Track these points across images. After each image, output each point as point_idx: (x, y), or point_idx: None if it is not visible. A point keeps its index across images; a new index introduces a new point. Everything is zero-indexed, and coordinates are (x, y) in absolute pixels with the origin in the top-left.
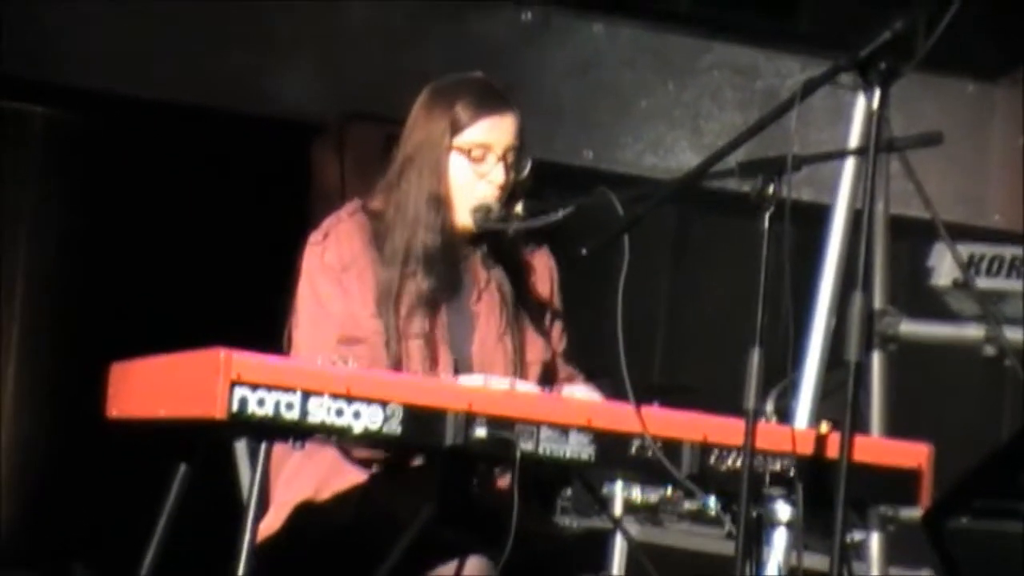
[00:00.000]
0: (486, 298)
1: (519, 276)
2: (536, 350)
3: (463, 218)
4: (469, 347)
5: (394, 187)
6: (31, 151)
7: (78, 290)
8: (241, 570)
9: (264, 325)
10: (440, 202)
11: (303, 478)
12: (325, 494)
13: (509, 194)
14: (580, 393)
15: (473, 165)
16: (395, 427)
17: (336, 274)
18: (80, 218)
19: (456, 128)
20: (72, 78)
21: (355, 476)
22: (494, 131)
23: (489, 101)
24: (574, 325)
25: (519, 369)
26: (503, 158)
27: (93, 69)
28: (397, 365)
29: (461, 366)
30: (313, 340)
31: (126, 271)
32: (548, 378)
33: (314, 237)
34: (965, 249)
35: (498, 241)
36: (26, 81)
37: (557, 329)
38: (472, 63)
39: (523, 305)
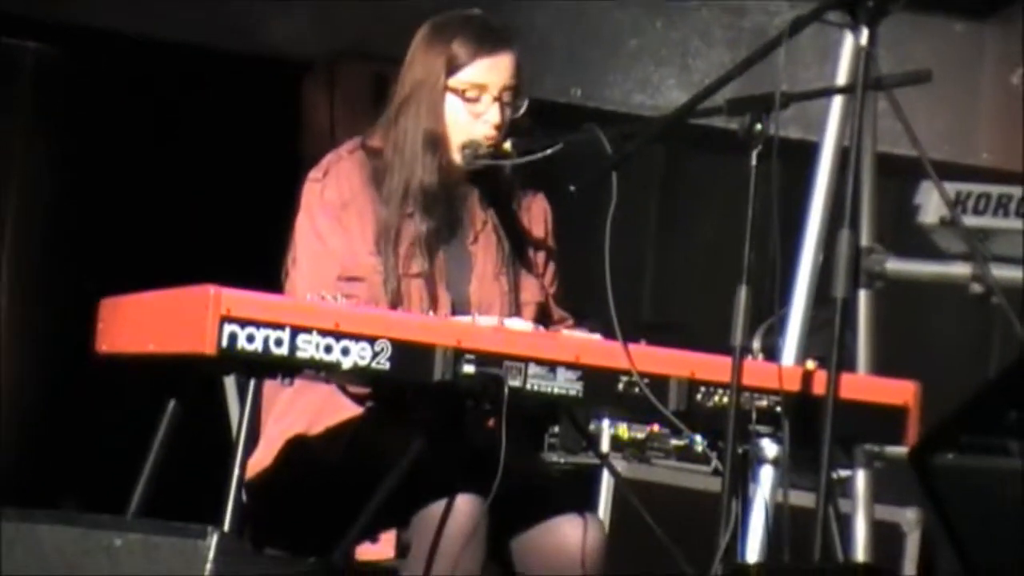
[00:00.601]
0: (483, 239)
1: (515, 218)
2: (531, 290)
3: (457, 157)
4: (467, 287)
5: (392, 125)
6: (21, 87)
7: (67, 228)
8: (230, 506)
9: (254, 263)
10: (437, 141)
11: (294, 413)
12: (316, 429)
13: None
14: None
15: (468, 105)
16: (383, 363)
17: (336, 211)
18: (70, 155)
19: (452, 67)
20: (62, 14)
21: (347, 411)
22: (490, 71)
23: (486, 41)
24: (563, 263)
25: (515, 308)
26: (499, 98)
27: (84, 5)
28: (396, 304)
29: (459, 306)
30: (313, 276)
31: (116, 209)
32: (543, 319)
33: (313, 174)
34: (952, 187)
35: (494, 182)
36: (16, 17)
37: (551, 271)
38: (461, 1)
39: (519, 246)
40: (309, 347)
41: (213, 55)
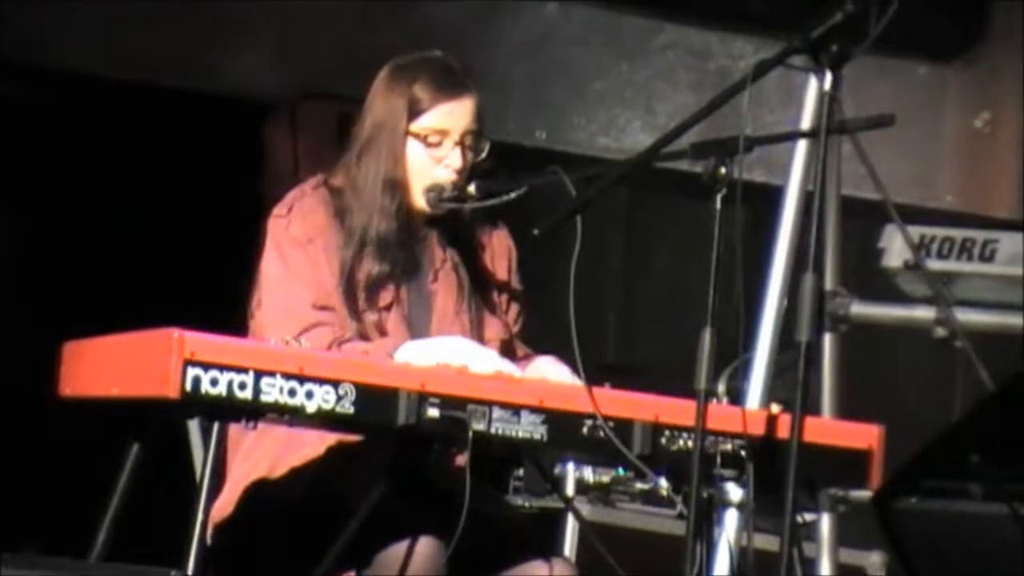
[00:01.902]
0: (443, 278)
1: (476, 256)
2: (494, 329)
3: (420, 201)
4: (427, 326)
5: (353, 167)
6: None
7: (29, 270)
8: (194, 548)
9: (217, 305)
10: (396, 187)
11: (257, 455)
12: (279, 471)
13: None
14: (548, 368)
15: (430, 150)
16: (348, 407)
17: (302, 245)
18: (29, 196)
19: (413, 112)
20: (21, 55)
21: (309, 452)
22: (451, 116)
23: (447, 86)
24: (526, 305)
25: None
26: (460, 142)
27: (43, 46)
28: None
29: None
30: (287, 308)
31: (77, 251)
32: (506, 357)
33: (278, 210)
34: (916, 231)
35: (455, 222)
36: None
37: (514, 309)
38: (425, 41)
39: (481, 285)
40: (273, 391)
41: (175, 95)
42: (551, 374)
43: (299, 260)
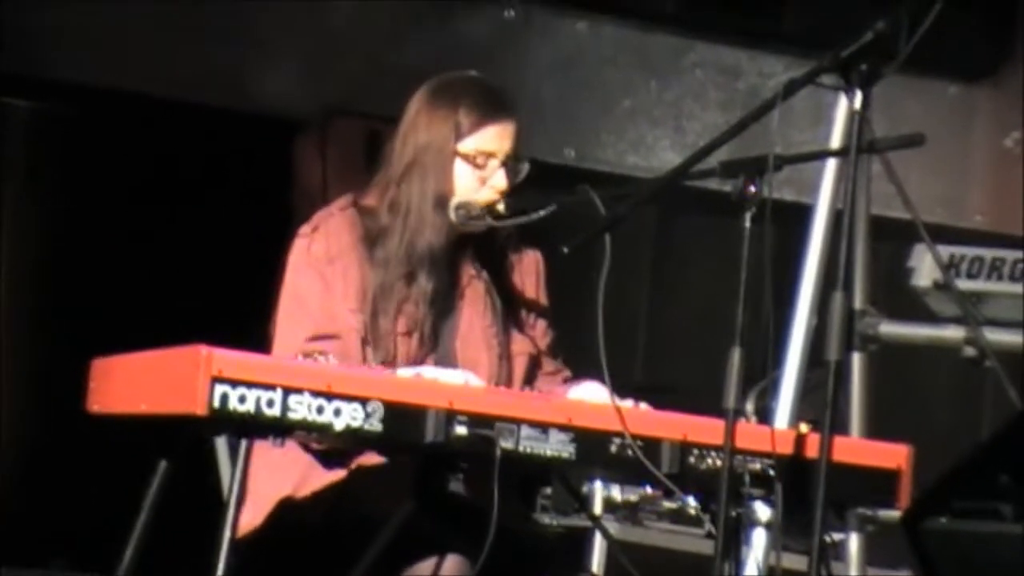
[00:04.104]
0: (469, 293)
1: (504, 272)
2: (520, 344)
3: (453, 217)
4: (452, 342)
5: (392, 187)
6: (14, 144)
7: (60, 285)
8: (220, 566)
9: (245, 322)
10: (446, 204)
11: (283, 473)
12: (303, 491)
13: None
14: (588, 390)
15: (475, 171)
16: (375, 424)
17: (320, 267)
18: (62, 212)
19: (460, 134)
20: (56, 72)
21: (334, 473)
22: (498, 138)
23: (493, 108)
24: (555, 323)
25: (503, 362)
26: (504, 163)
27: (75, 63)
28: (382, 361)
29: (443, 361)
30: (284, 335)
31: (108, 266)
32: (534, 372)
33: (303, 229)
34: (945, 250)
35: (486, 240)
36: (8, 75)
37: (542, 324)
38: (454, 60)
39: (508, 300)
40: (301, 408)
41: (206, 113)
42: (590, 397)
43: (308, 286)
